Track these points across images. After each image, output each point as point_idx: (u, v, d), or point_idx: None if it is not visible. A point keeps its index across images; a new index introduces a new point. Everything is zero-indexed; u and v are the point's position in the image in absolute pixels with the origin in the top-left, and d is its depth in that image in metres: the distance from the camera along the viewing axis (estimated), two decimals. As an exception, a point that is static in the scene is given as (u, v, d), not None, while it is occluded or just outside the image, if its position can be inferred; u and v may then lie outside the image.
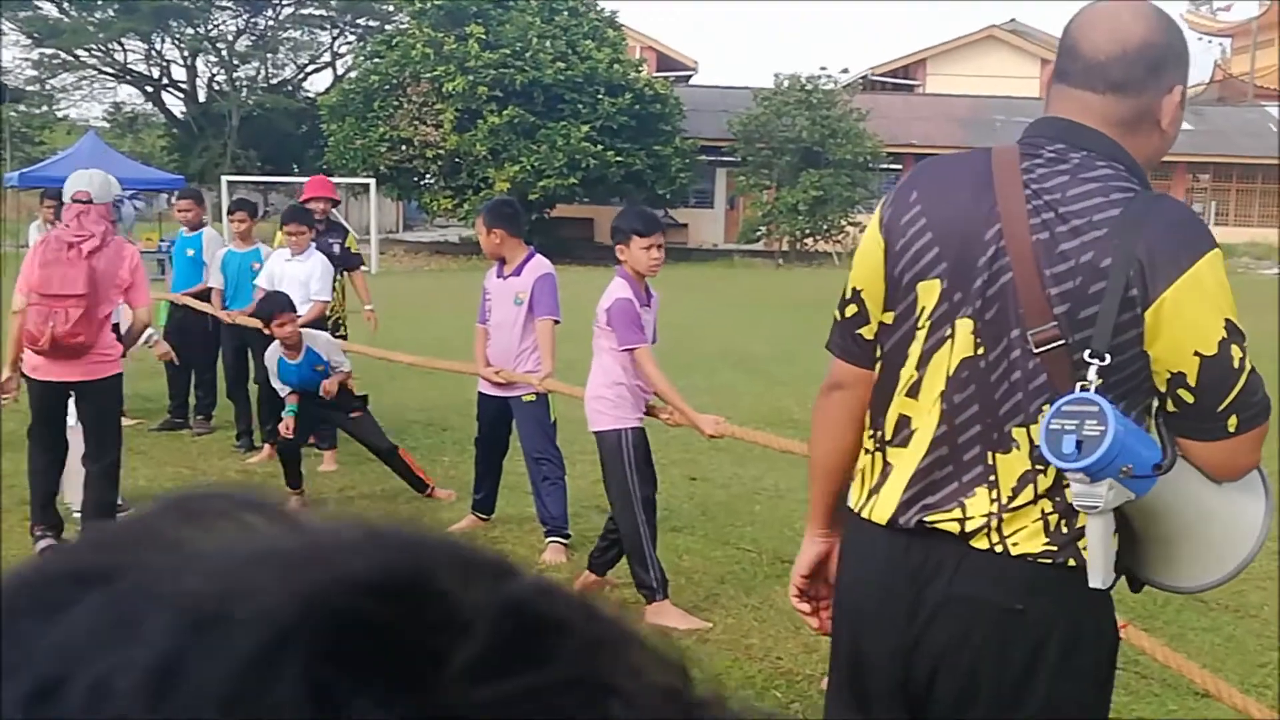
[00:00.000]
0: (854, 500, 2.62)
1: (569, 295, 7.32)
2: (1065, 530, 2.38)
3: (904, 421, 2.51)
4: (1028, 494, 2.39)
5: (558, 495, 7.02)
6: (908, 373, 2.50)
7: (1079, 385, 2.31)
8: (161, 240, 27.61)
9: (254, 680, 0.30)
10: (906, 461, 2.50)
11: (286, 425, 7.92)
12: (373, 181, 34.10)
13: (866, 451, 2.61)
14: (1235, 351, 2.31)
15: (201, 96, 53.53)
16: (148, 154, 52.63)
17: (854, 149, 36.49)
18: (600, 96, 34.41)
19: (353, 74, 41.84)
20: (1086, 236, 2.31)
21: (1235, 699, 3.72)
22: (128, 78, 54.00)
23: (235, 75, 53.54)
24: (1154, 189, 2.46)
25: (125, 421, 10.45)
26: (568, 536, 7.02)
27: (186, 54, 53.09)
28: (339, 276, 9.80)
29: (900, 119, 41.87)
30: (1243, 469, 2.41)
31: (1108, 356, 2.29)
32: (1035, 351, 2.34)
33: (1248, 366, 2.33)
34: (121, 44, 52.00)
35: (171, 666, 0.30)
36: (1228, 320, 2.30)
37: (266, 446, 9.37)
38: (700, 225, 41.71)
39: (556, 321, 7.11)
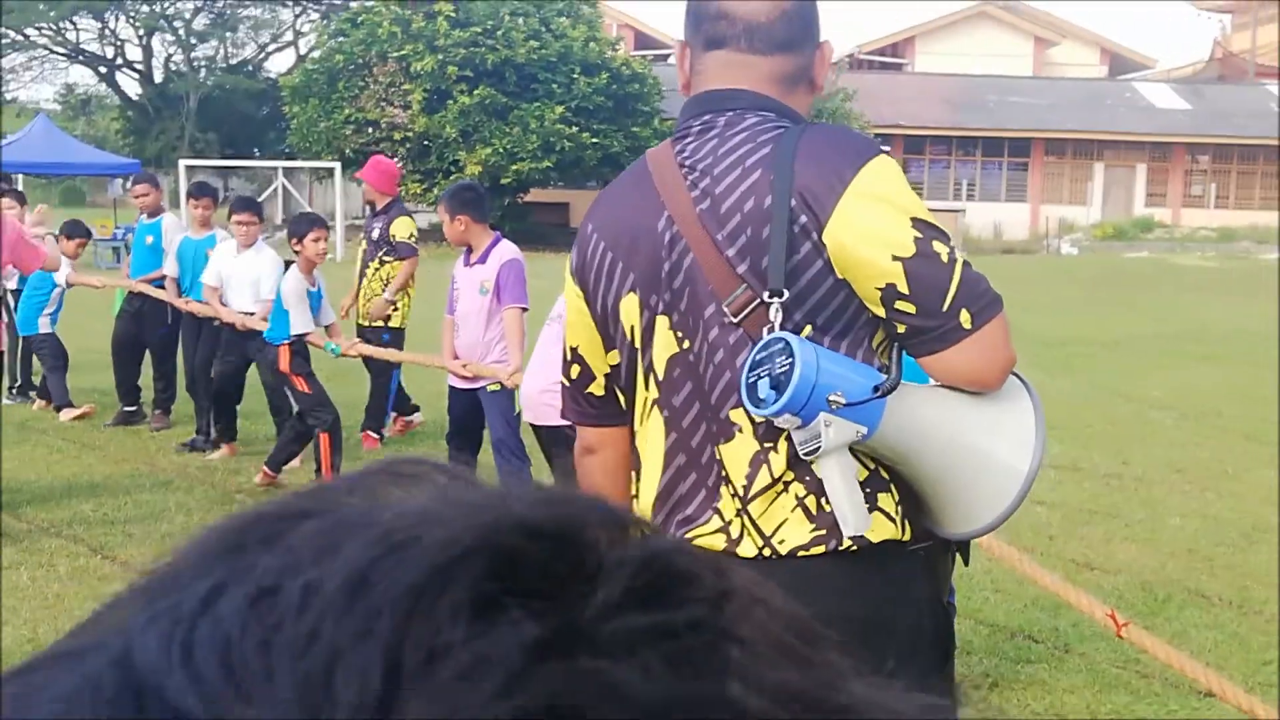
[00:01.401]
0: None
1: (544, 284, 7.31)
2: (828, 509, 2.26)
3: None
4: (764, 478, 2.28)
5: None
6: (640, 397, 2.46)
7: (765, 329, 2.24)
8: (117, 227, 27.52)
9: (430, 586, 0.37)
10: (648, 484, 2.45)
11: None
12: (338, 165, 33.96)
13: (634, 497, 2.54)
14: (939, 247, 2.22)
15: (158, 77, 53.35)
16: (101, 137, 52.48)
17: (840, 130, 36.47)
18: (575, 76, 34.34)
19: (316, 53, 41.69)
20: (744, 185, 2.27)
21: (1240, 699, 3.73)
22: (80, 58, 53.79)
23: (193, 55, 53.37)
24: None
25: (74, 412, 10.48)
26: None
27: (142, 33, 52.91)
28: (375, 263, 9.73)
29: (888, 99, 41.93)
30: (1001, 366, 2.27)
31: (785, 293, 2.23)
32: (735, 321, 2.27)
33: (959, 259, 2.24)
34: (74, 22, 51.80)
35: (365, 574, 0.38)
36: (915, 219, 2.23)
37: (225, 445, 9.34)
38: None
39: (524, 309, 7.08)
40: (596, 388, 2.54)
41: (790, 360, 2.15)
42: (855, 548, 2.25)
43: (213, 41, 54.01)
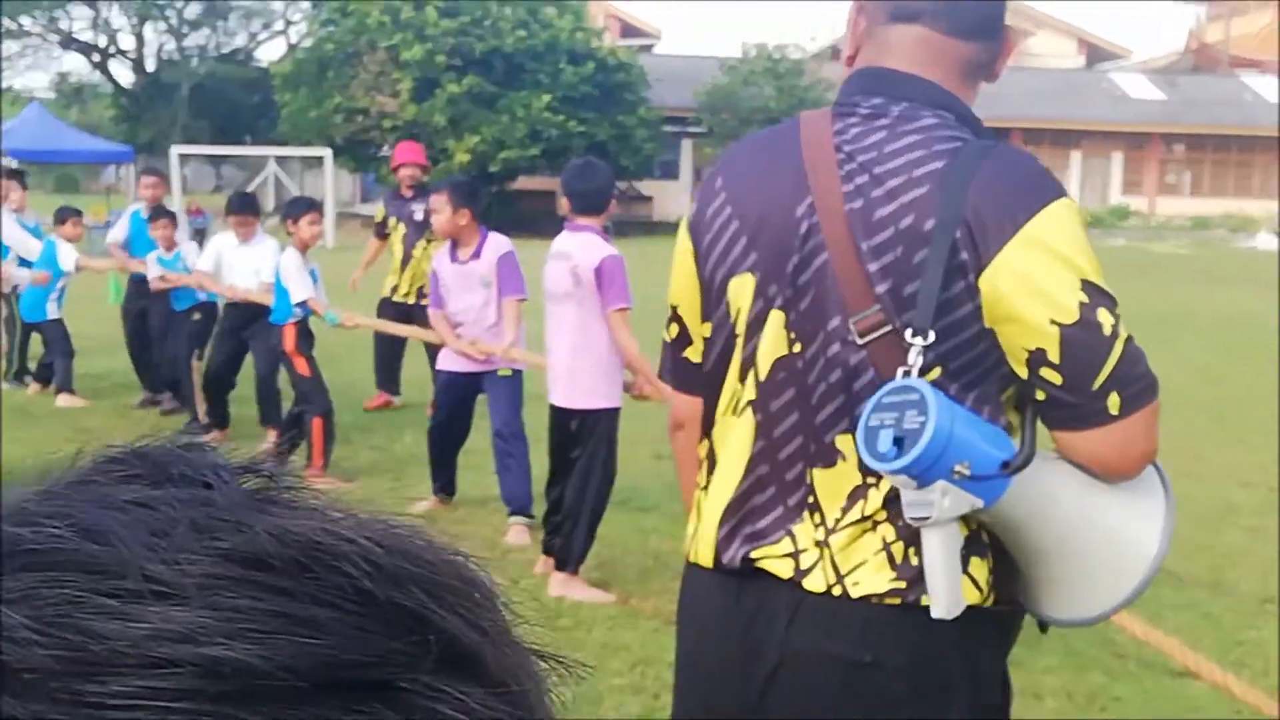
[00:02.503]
0: (686, 544, 2.29)
1: (530, 272, 7.26)
2: (915, 563, 2.01)
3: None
4: (855, 514, 2.05)
5: (522, 474, 7.00)
6: (730, 388, 2.18)
7: (900, 371, 1.97)
8: (111, 213, 27.39)
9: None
10: (723, 487, 2.18)
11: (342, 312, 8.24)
12: (328, 153, 33.89)
13: (698, 486, 2.28)
14: (1104, 317, 1.94)
15: (150, 65, 53.12)
16: (95, 125, 52.21)
17: (822, 119, 36.42)
18: (562, 65, 34.29)
19: (306, 42, 41.58)
20: (906, 197, 1.97)
21: (1215, 675, 3.75)
22: (73, 46, 53.52)
23: (184, 43, 53.17)
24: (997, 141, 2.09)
25: (75, 401, 10.45)
26: (531, 516, 6.99)
27: (134, 21, 52.66)
28: (423, 242, 9.93)
29: (869, 88, 41.83)
30: (1138, 460, 2.03)
31: (931, 334, 1.95)
32: (859, 343, 2.00)
33: (1123, 334, 1.96)
34: (67, 11, 51.56)
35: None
36: (1086, 282, 1.95)
37: (217, 430, 9.33)
38: (665, 197, 41.67)
39: (523, 299, 7.05)
40: (693, 353, 2.28)
41: (923, 419, 1.89)
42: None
43: (204, 30, 53.78)
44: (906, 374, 1.96)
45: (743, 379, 2.15)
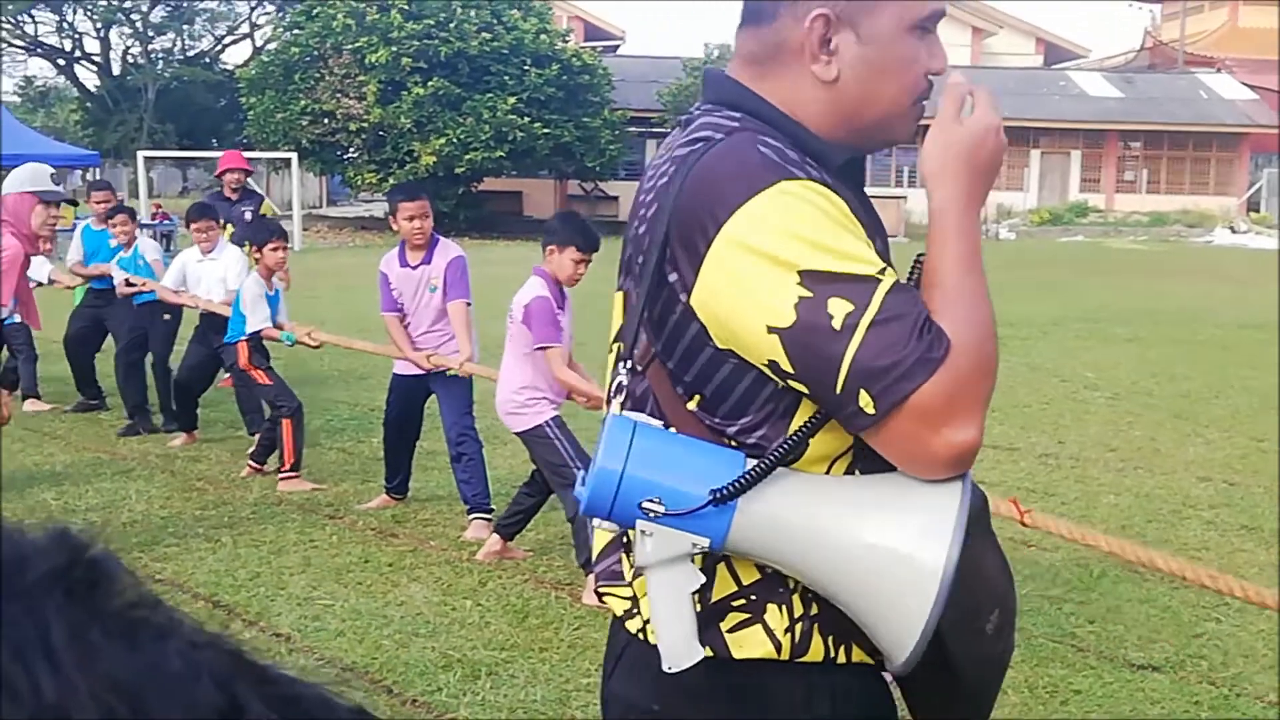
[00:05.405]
0: None
1: (496, 271, 7.27)
2: (699, 609, 1.78)
3: None
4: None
5: (476, 473, 7.03)
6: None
7: (616, 404, 1.84)
8: (77, 218, 27.18)
9: None
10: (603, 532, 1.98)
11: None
12: (294, 156, 33.76)
13: None
14: (836, 307, 1.62)
15: (116, 69, 52.82)
16: (61, 129, 51.90)
17: (785, 119, 36.47)
18: (527, 67, 34.24)
19: (272, 45, 41.40)
20: (650, 214, 1.81)
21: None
22: (39, 51, 53.17)
23: (150, 47, 52.89)
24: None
25: (40, 406, 10.37)
26: (490, 511, 7.01)
27: (99, 25, 52.35)
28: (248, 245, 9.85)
29: (831, 88, 41.93)
30: (942, 456, 1.64)
31: (631, 360, 1.82)
32: (640, 370, 1.83)
33: (866, 319, 1.61)
34: (32, 15, 51.21)
35: None
36: (805, 272, 1.63)
37: (185, 434, 9.26)
38: (630, 198, 41.63)
39: (469, 304, 7.08)
40: None
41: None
42: (711, 654, 1.79)
43: (170, 34, 53.51)
44: (619, 406, 1.85)
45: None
